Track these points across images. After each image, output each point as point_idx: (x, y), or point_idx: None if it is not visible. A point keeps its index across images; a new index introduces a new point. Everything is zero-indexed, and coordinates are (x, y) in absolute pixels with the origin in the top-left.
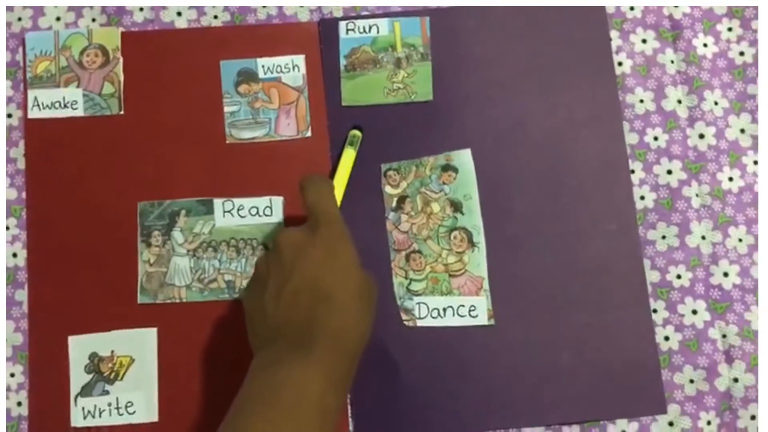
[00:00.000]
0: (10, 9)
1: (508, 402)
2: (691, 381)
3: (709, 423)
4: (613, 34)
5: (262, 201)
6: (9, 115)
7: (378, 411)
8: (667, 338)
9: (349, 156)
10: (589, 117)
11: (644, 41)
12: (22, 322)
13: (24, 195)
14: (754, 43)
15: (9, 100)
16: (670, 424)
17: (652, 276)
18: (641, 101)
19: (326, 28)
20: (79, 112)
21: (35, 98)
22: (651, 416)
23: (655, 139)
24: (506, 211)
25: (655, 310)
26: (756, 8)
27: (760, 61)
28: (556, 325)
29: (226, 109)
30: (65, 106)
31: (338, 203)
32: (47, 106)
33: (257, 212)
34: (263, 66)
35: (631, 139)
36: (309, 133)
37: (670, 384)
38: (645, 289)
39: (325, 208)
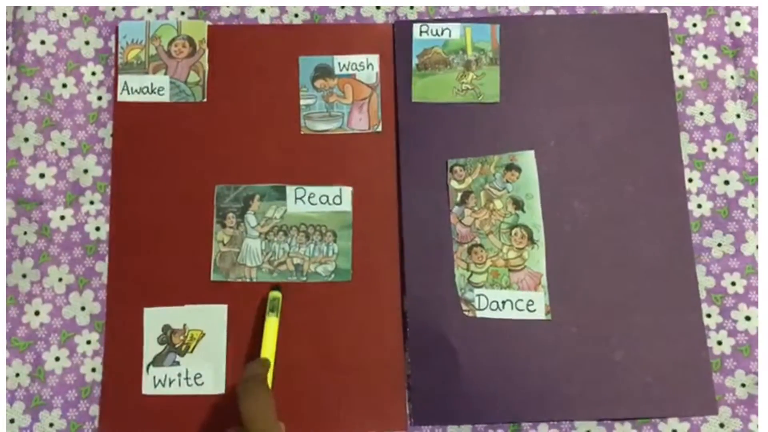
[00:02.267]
0: None
1: (562, 395)
2: (743, 385)
3: (759, 427)
4: (676, 48)
5: (332, 190)
6: (99, 98)
7: (434, 396)
8: (720, 343)
9: (272, 325)
10: (648, 126)
11: (705, 57)
12: (100, 293)
13: (109, 173)
14: None
15: (100, 83)
16: (721, 425)
17: (707, 282)
18: (701, 114)
19: (401, 29)
20: (165, 98)
21: (125, 83)
22: (702, 417)
23: (714, 150)
24: (566, 211)
25: (709, 315)
26: None
27: (760, 60)
28: (611, 323)
29: (302, 102)
30: (153, 91)
31: (270, 380)
32: (136, 90)
33: (327, 200)
34: (339, 63)
35: (690, 149)
36: (380, 128)
37: (722, 387)
38: (697, 293)
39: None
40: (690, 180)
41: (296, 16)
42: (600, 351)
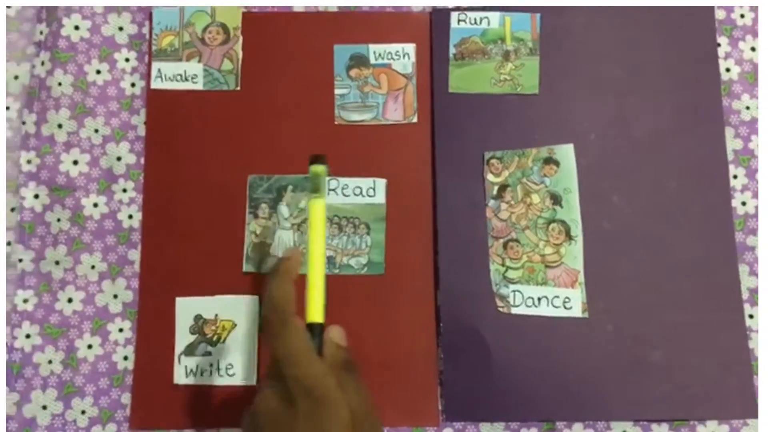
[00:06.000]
0: None
1: (598, 395)
2: None
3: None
4: (722, 40)
5: (366, 182)
6: (132, 85)
7: (467, 392)
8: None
9: (317, 209)
10: (692, 120)
11: (753, 49)
12: (133, 281)
13: (142, 160)
14: None
15: (133, 70)
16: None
17: (750, 282)
18: (747, 108)
19: (438, 17)
20: (199, 86)
21: (159, 70)
22: (742, 420)
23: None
24: (605, 206)
25: (751, 316)
26: None
27: (760, 60)
28: (650, 322)
29: (337, 91)
30: (186, 79)
31: (321, 291)
32: (169, 78)
33: (361, 192)
34: (375, 52)
35: (735, 144)
36: (415, 119)
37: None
38: (739, 293)
39: (302, 372)
40: (734, 176)
41: (331, 2)
42: (638, 351)
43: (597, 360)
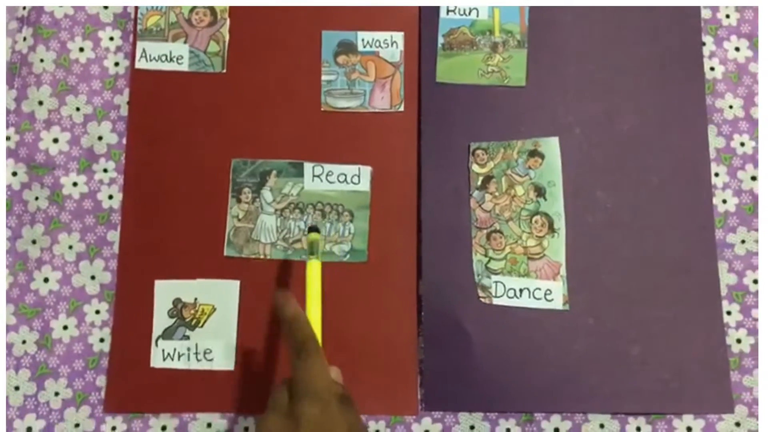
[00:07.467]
0: None
1: (576, 387)
2: None
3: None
4: (707, 39)
5: (351, 169)
6: (116, 64)
7: (447, 382)
8: (739, 341)
9: (314, 269)
10: (675, 118)
11: (737, 49)
12: (111, 262)
13: (124, 141)
14: None
15: (118, 49)
16: (737, 424)
17: (728, 279)
18: (731, 107)
19: (427, 7)
20: (184, 67)
21: (143, 50)
22: (718, 415)
23: (742, 144)
24: (588, 201)
25: (729, 312)
26: None
27: (760, 60)
28: (629, 316)
29: (324, 77)
30: (171, 60)
31: (318, 333)
32: (154, 58)
33: (345, 179)
34: (363, 39)
35: (717, 143)
36: (402, 108)
37: (739, 386)
38: (718, 290)
39: (314, 386)
40: (716, 174)
41: None
42: (617, 344)
43: (576, 353)
